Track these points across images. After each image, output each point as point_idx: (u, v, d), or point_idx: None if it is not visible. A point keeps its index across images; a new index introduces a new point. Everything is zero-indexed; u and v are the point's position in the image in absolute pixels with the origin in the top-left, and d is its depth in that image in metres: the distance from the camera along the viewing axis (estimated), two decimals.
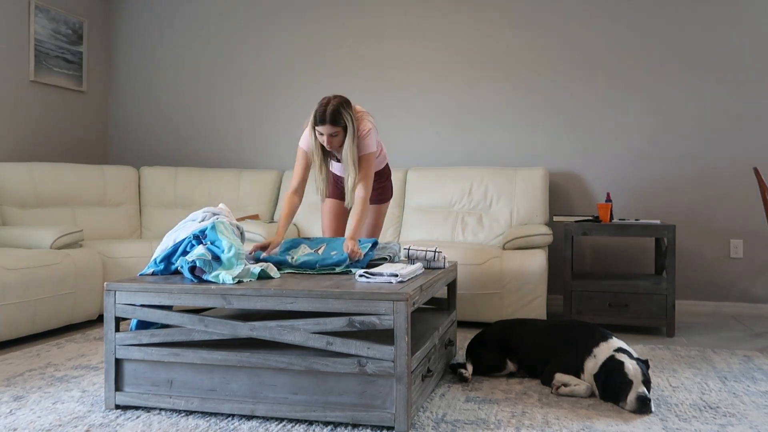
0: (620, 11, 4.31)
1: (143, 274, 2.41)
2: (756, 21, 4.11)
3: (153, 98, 5.23)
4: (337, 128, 2.68)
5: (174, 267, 2.38)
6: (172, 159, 5.17)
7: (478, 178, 4.26)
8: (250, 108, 5.02)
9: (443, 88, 4.62)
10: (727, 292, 4.15)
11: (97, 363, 2.85)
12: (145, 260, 3.88)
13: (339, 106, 2.68)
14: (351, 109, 2.74)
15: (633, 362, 2.26)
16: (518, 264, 3.54)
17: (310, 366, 2.06)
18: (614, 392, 2.26)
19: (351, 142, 2.72)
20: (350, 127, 2.70)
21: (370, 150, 2.81)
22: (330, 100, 2.69)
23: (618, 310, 3.54)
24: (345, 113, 2.69)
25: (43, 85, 4.65)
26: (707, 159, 4.19)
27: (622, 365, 2.25)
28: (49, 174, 4.24)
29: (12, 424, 2.10)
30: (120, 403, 2.23)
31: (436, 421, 2.13)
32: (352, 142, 2.73)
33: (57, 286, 3.37)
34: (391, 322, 2.00)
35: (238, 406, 2.12)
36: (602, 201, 4.18)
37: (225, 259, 2.26)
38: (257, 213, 4.62)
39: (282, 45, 4.95)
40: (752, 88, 4.12)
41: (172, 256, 2.39)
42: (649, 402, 2.19)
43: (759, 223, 4.10)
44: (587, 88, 4.36)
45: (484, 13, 4.55)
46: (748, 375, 2.70)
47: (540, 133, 4.44)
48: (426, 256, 2.68)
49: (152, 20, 5.23)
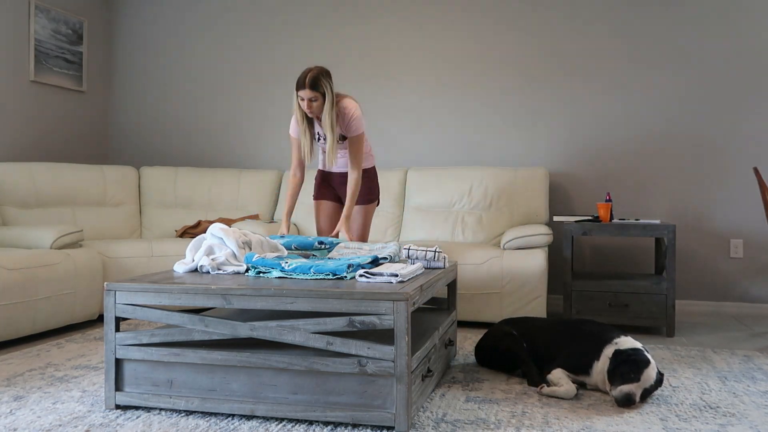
0: (623, 11, 4.31)
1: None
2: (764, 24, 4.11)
3: (153, 98, 5.23)
4: (316, 93, 2.91)
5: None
6: (172, 159, 5.17)
7: (478, 178, 4.25)
8: (250, 108, 5.02)
9: (443, 88, 4.62)
10: (727, 292, 4.15)
11: (97, 363, 2.85)
12: (145, 260, 3.89)
13: (319, 74, 2.92)
14: (330, 79, 2.96)
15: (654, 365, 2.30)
16: (518, 264, 3.54)
17: (311, 366, 2.06)
18: (621, 374, 2.27)
19: (330, 108, 2.95)
20: (329, 95, 2.93)
21: (360, 131, 3.08)
22: (311, 69, 2.93)
23: (618, 310, 3.54)
24: (324, 81, 2.92)
25: (43, 85, 4.65)
26: (707, 159, 4.19)
27: (649, 363, 2.28)
28: (49, 174, 4.24)
29: (12, 424, 2.10)
30: (120, 403, 2.23)
31: (436, 421, 2.13)
32: (331, 109, 2.95)
33: (57, 286, 3.37)
34: (392, 322, 2.00)
35: (238, 406, 2.12)
36: (602, 201, 4.18)
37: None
38: (257, 213, 4.62)
39: (282, 45, 4.95)
40: (753, 89, 4.12)
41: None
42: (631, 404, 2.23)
43: (759, 223, 4.10)
44: (587, 88, 4.36)
45: (483, 13, 4.55)
46: (748, 375, 2.70)
47: (540, 133, 4.44)
48: (426, 256, 2.68)
49: (152, 20, 5.23)
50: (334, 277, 2.26)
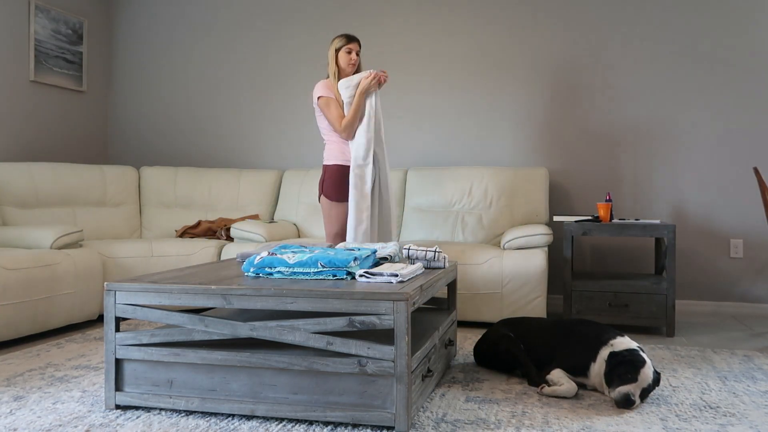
0: (622, 11, 4.31)
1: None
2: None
3: (153, 98, 5.23)
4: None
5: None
6: (172, 159, 5.17)
7: (478, 178, 4.26)
8: (251, 108, 5.02)
9: (443, 88, 4.62)
10: (727, 292, 4.15)
11: (97, 363, 2.85)
12: (146, 260, 3.89)
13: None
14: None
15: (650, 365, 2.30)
16: (518, 264, 3.54)
17: (311, 366, 2.06)
18: (618, 375, 2.27)
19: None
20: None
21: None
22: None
23: (618, 310, 3.54)
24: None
25: (43, 85, 4.65)
26: (707, 159, 4.19)
27: (645, 362, 2.28)
28: (49, 174, 4.24)
29: (12, 424, 2.10)
30: (120, 403, 2.23)
31: (436, 421, 2.13)
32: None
33: (57, 286, 3.37)
34: (392, 322, 2.00)
35: (239, 406, 2.12)
36: (602, 201, 4.18)
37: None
38: (257, 213, 4.62)
39: (282, 45, 4.95)
40: (753, 88, 4.12)
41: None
42: (631, 405, 2.23)
43: (759, 223, 4.10)
44: (587, 88, 4.36)
45: (483, 14, 4.55)
46: (748, 375, 2.70)
47: (540, 133, 4.44)
48: (426, 256, 2.68)
49: (152, 20, 5.23)
50: (334, 278, 2.27)
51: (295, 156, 4.93)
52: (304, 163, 4.90)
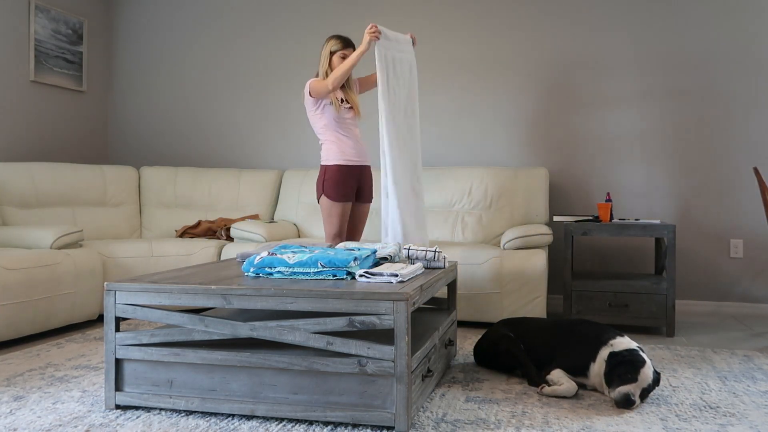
0: (624, 13, 4.31)
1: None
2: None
3: (153, 98, 5.23)
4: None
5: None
6: (172, 159, 5.17)
7: (478, 178, 4.25)
8: (250, 108, 5.02)
9: (443, 88, 4.62)
10: (727, 292, 4.15)
11: (97, 363, 2.85)
12: (146, 260, 3.89)
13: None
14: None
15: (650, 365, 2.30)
16: (518, 264, 3.54)
17: (311, 366, 2.06)
18: (618, 375, 2.26)
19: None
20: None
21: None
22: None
23: (618, 310, 3.54)
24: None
25: (43, 85, 4.65)
26: (707, 159, 4.19)
27: (645, 362, 2.28)
28: (49, 174, 4.24)
29: (12, 424, 2.10)
30: (120, 403, 2.23)
31: (436, 421, 2.13)
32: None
33: (57, 286, 3.37)
34: (392, 322, 2.00)
35: (238, 406, 2.12)
36: (602, 201, 4.18)
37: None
38: (257, 213, 4.62)
39: (282, 45, 4.95)
40: (753, 88, 4.12)
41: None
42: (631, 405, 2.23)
43: (759, 223, 4.10)
44: (587, 88, 4.36)
45: (484, 14, 4.55)
46: (748, 375, 2.70)
47: (540, 133, 4.44)
48: (426, 256, 2.68)
49: (152, 20, 5.23)
50: (334, 278, 2.27)
51: (295, 156, 4.93)
52: (304, 163, 4.90)
